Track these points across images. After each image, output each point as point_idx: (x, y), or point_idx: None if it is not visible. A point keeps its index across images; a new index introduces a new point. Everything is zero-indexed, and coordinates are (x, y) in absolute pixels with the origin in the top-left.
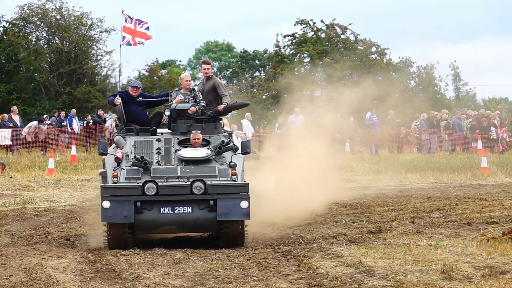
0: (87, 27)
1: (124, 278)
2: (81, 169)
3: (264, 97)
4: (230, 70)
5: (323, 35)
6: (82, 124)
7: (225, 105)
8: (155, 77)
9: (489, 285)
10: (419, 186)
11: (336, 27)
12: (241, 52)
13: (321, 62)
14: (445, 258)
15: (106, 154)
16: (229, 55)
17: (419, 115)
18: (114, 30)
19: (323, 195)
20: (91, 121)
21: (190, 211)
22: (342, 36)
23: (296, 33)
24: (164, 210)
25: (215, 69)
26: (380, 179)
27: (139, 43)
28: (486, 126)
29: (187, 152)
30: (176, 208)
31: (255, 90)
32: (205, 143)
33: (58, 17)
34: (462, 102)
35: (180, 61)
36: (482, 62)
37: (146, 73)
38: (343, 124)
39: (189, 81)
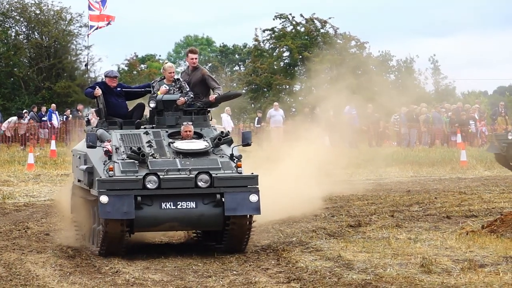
0: (66, 22)
1: (104, 272)
2: (60, 163)
3: (243, 91)
4: (210, 64)
5: (302, 29)
6: (61, 119)
7: (217, 95)
8: (134, 72)
9: (468, 278)
10: (399, 179)
11: (316, 21)
12: (220, 46)
13: (300, 56)
14: (424, 251)
15: (95, 147)
16: (209, 49)
17: (399, 108)
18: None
19: (312, 189)
20: (70, 115)
21: (194, 206)
22: (322, 30)
23: (275, 27)
24: (165, 205)
25: None
26: (359, 172)
27: (107, 24)
28: (465, 120)
29: (184, 144)
30: (178, 203)
31: (234, 84)
32: (196, 135)
33: (38, 12)
34: (441, 96)
35: (160, 55)
36: (462, 56)
37: (126, 68)
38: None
39: (173, 72)
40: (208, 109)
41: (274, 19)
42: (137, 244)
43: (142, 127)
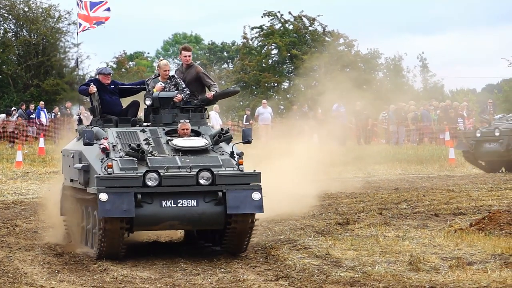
0: (55, 20)
1: (92, 270)
2: (49, 161)
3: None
4: (198, 62)
5: (290, 27)
6: (50, 117)
7: (214, 93)
8: (123, 69)
9: (457, 276)
10: (387, 177)
11: (304, 19)
12: (209, 44)
13: (288, 54)
14: (412, 249)
15: (92, 144)
16: (197, 47)
17: (387, 106)
18: (76, 24)
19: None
20: (58, 113)
21: (195, 204)
22: (310, 28)
23: (263, 25)
24: (166, 203)
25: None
26: (347, 170)
27: (99, 25)
28: (454, 118)
29: (183, 142)
30: (179, 201)
31: (223, 82)
32: (193, 134)
33: (26, 9)
34: (430, 94)
35: (148, 53)
36: (450, 54)
37: (114, 65)
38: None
39: (168, 70)
40: (205, 107)
41: (262, 17)
42: (126, 242)
43: (137, 125)
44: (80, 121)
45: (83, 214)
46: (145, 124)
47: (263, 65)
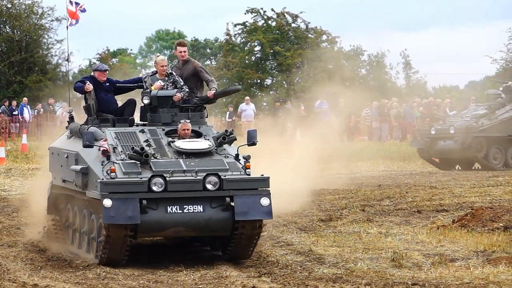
0: (38, 16)
1: (75, 267)
2: (32, 158)
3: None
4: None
5: (273, 24)
6: (33, 113)
7: (215, 91)
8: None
9: (439, 272)
10: (370, 174)
11: (287, 16)
12: (192, 40)
13: (271, 51)
14: (395, 246)
15: (92, 147)
16: None
17: (370, 103)
18: (65, 19)
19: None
20: (41, 110)
21: (201, 210)
22: (293, 25)
23: (246, 21)
24: (171, 209)
25: (165, 57)
26: (330, 167)
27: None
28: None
29: (186, 144)
30: (185, 206)
31: None
32: (194, 134)
33: (9, 5)
34: (412, 90)
35: (131, 49)
36: (433, 50)
37: (97, 62)
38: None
39: (166, 66)
40: (205, 106)
41: (245, 14)
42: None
43: (137, 124)
44: (71, 119)
45: (76, 216)
46: (140, 122)
47: (246, 61)
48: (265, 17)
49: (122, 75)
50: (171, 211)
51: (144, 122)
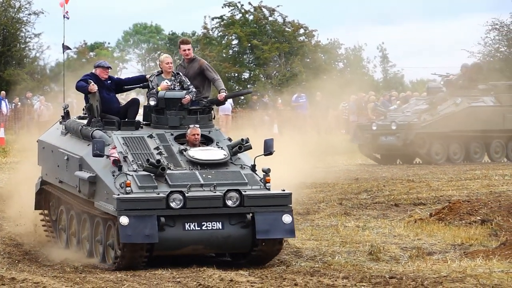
0: (15, 10)
1: (52, 260)
2: (9, 151)
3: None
4: (159, 52)
5: (251, 17)
6: (11, 107)
7: (225, 94)
8: (83, 60)
9: (416, 266)
10: (347, 167)
11: (264, 9)
12: (169, 34)
13: (249, 44)
14: (372, 239)
15: (103, 156)
16: (158, 37)
17: (347, 97)
18: (43, 13)
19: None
20: (19, 103)
21: (220, 227)
22: (270, 18)
23: (224, 15)
24: (189, 226)
25: (143, 51)
26: (307, 160)
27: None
28: None
29: (200, 153)
30: (203, 223)
31: None
32: (203, 139)
33: None
34: (390, 84)
35: (109, 43)
36: (410, 44)
37: (75, 56)
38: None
39: (171, 63)
40: (212, 108)
41: (223, 7)
42: None
43: (141, 126)
44: (67, 114)
45: (73, 220)
46: (143, 122)
47: (224, 55)
48: (243, 10)
49: None
50: (189, 228)
51: (147, 123)
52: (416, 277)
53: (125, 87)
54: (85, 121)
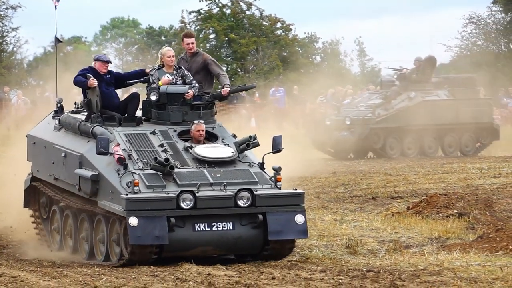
0: None
1: (30, 255)
2: None
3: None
4: (136, 46)
5: (228, 11)
6: None
7: (229, 89)
8: (61, 54)
9: (394, 259)
10: (324, 161)
11: (241, 3)
12: (146, 28)
13: (226, 38)
14: (350, 233)
15: (107, 154)
16: (135, 31)
17: (325, 90)
18: (20, 7)
19: None
20: None
21: (231, 228)
22: (248, 12)
23: (201, 9)
24: (199, 226)
25: (120, 45)
26: (285, 154)
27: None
28: None
29: (207, 151)
30: (213, 224)
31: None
32: (207, 136)
33: None
34: (367, 78)
35: (86, 37)
36: (387, 38)
37: (52, 50)
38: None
39: (173, 56)
40: (214, 102)
41: (200, 1)
42: None
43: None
44: (61, 109)
45: (68, 220)
46: (144, 118)
47: (201, 49)
48: (220, 4)
49: (77, 63)
50: (198, 229)
51: (146, 118)
52: (393, 271)
53: (127, 82)
54: (81, 116)
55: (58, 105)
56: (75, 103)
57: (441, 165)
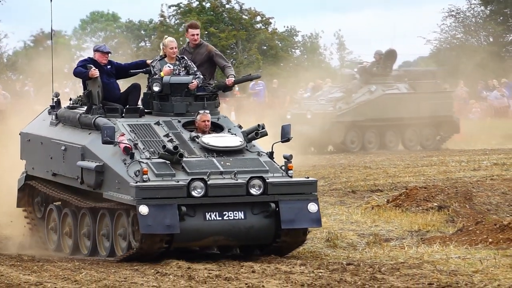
0: None
1: (10, 250)
2: None
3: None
4: (116, 40)
5: (207, 5)
6: None
7: (234, 78)
8: (41, 48)
9: (374, 252)
10: (304, 154)
11: None
12: (126, 22)
13: (206, 32)
14: (330, 226)
15: (113, 143)
16: (115, 25)
17: (305, 84)
18: (0, 1)
19: None
20: None
21: (243, 217)
22: (227, 6)
23: (181, 3)
24: (210, 216)
25: (100, 39)
26: (267, 148)
27: None
28: None
29: (214, 140)
30: (224, 213)
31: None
32: (212, 127)
33: None
34: None
35: (66, 31)
36: (366, 31)
37: (32, 44)
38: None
39: (175, 48)
40: (217, 94)
41: None
42: None
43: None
44: (58, 104)
45: (67, 218)
46: (146, 110)
47: (181, 43)
48: None
49: (56, 57)
50: (210, 218)
51: (148, 111)
52: (373, 264)
53: (131, 71)
54: (79, 111)
55: (55, 100)
56: (70, 99)
57: (421, 158)
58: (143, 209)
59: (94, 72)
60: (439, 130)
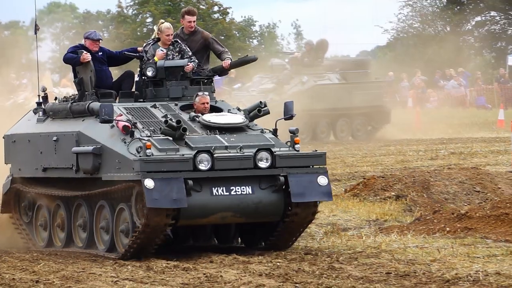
0: None
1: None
2: None
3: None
4: (74, 31)
5: None
6: None
7: (230, 61)
8: None
9: (332, 242)
10: None
11: None
12: (83, 12)
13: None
14: None
15: (112, 121)
16: (72, 15)
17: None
18: None
19: None
20: None
21: (250, 192)
22: None
23: None
24: (217, 191)
25: (57, 30)
26: None
27: None
28: None
29: (216, 117)
30: (232, 188)
31: None
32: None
33: None
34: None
35: (23, 22)
36: (324, 20)
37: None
38: None
39: (172, 35)
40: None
41: None
42: None
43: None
44: (45, 99)
45: (58, 210)
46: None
47: (138, 33)
48: None
49: (14, 48)
50: (216, 193)
51: (141, 100)
52: (331, 253)
53: (124, 53)
54: (68, 104)
55: (42, 95)
56: (56, 98)
57: (378, 147)
58: (149, 183)
59: (86, 56)
60: (370, 121)
